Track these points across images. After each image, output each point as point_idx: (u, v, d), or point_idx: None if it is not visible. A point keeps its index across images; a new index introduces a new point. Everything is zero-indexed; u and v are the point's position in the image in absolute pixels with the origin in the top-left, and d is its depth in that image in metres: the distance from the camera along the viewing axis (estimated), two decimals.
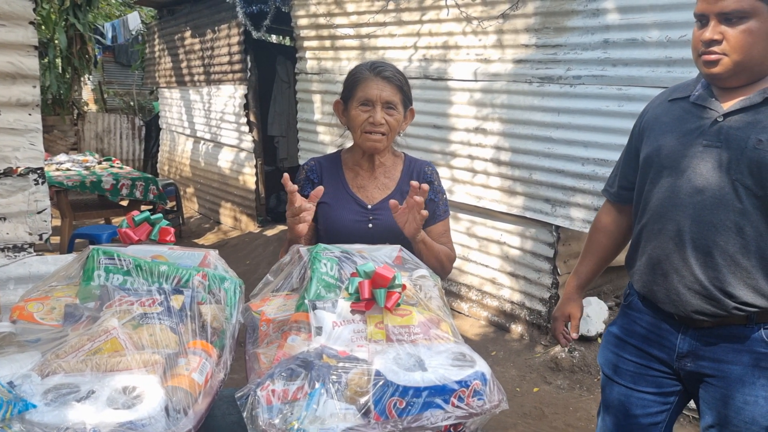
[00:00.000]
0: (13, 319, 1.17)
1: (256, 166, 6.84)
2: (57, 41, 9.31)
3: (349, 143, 1.83)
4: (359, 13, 5.03)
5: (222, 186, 7.50)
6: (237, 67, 6.71)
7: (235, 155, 7.16)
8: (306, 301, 1.19)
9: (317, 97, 5.71)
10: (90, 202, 6.46)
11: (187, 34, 7.69)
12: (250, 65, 6.59)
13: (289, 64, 7.59)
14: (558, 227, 3.92)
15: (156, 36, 8.73)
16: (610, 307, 4.06)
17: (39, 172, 2.36)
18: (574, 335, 1.89)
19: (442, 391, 1.02)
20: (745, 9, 1.37)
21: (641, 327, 1.67)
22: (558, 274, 3.98)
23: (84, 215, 6.29)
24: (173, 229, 1.50)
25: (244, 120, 6.80)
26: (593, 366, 3.69)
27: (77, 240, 5.31)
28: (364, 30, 5.00)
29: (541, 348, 4.03)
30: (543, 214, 3.94)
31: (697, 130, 1.51)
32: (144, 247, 1.37)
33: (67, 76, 10.02)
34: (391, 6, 4.69)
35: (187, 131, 8.19)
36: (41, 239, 2.40)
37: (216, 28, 6.98)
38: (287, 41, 10.19)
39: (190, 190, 8.37)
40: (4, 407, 0.88)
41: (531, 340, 4.15)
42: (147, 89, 12.62)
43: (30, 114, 2.32)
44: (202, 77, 7.49)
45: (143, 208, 6.27)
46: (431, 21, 4.46)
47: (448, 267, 1.75)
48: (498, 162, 4.16)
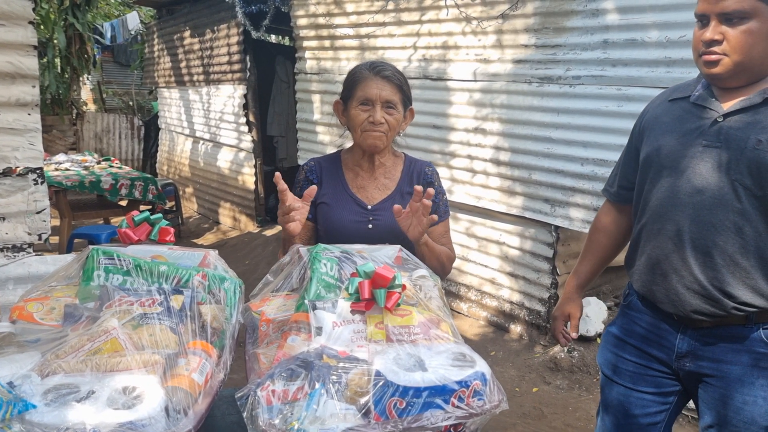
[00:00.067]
0: (13, 320, 1.17)
1: (255, 166, 6.84)
2: (56, 41, 9.30)
3: (349, 143, 1.82)
4: (359, 13, 5.03)
5: (221, 186, 7.50)
6: (236, 67, 6.71)
7: (235, 155, 7.15)
8: (306, 302, 1.19)
9: (316, 97, 5.71)
10: (89, 202, 6.46)
11: (187, 33, 7.68)
12: (249, 65, 6.59)
13: (289, 64, 7.59)
14: (557, 227, 3.92)
15: (155, 36, 8.72)
16: (609, 307, 4.06)
17: (38, 172, 2.36)
18: (573, 335, 1.89)
19: (442, 392, 1.02)
20: (746, 9, 1.37)
21: (640, 327, 1.67)
22: (557, 274, 3.98)
23: (83, 215, 6.29)
24: (173, 229, 1.50)
25: (243, 120, 6.80)
26: (592, 366, 3.69)
27: (76, 240, 5.31)
28: (363, 30, 5.00)
29: (541, 348, 4.03)
30: (542, 214, 3.94)
31: (697, 130, 1.51)
32: (144, 247, 1.37)
33: (66, 75, 10.00)
34: (391, 6, 4.69)
35: (186, 131, 8.19)
36: (40, 239, 2.40)
37: (215, 27, 6.98)
38: (287, 41, 10.19)
39: (189, 190, 8.36)
40: (4, 407, 0.88)
41: (530, 340, 4.15)
42: (146, 89, 12.61)
43: (29, 114, 2.32)
44: (201, 77, 7.48)
45: (142, 208, 6.26)
46: (431, 21, 4.46)
47: (448, 267, 1.75)
48: (497, 162, 4.16)
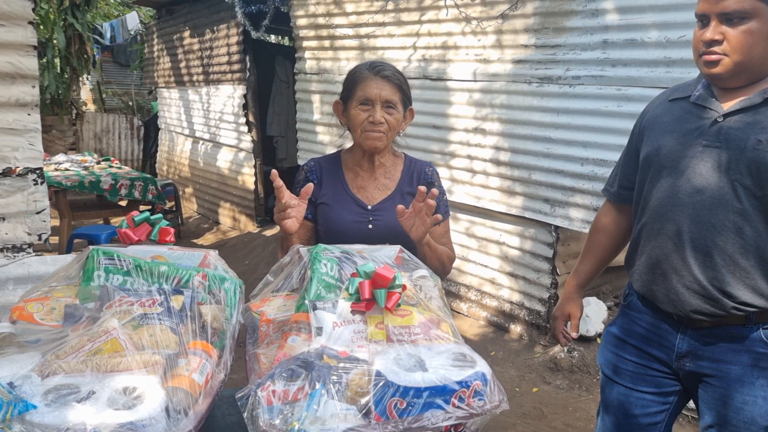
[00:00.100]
0: (13, 320, 1.17)
1: (255, 166, 6.84)
2: (55, 41, 9.30)
3: (349, 144, 1.82)
4: (358, 13, 5.03)
5: (221, 186, 7.50)
6: (236, 67, 6.70)
7: (234, 155, 7.15)
8: (306, 302, 1.18)
9: (316, 97, 5.71)
10: (89, 202, 6.45)
11: (186, 34, 7.68)
12: (249, 65, 6.59)
13: (288, 64, 7.59)
14: (557, 227, 3.92)
15: (155, 36, 8.72)
16: (609, 307, 4.06)
17: (38, 172, 2.36)
18: (573, 334, 1.89)
19: (442, 392, 1.02)
20: (746, 9, 1.37)
21: (641, 327, 1.67)
22: (557, 274, 3.98)
23: (83, 215, 6.29)
24: (173, 230, 1.50)
25: (243, 120, 6.79)
26: (592, 366, 3.69)
27: (76, 240, 5.31)
28: (363, 30, 5.00)
29: (541, 348, 4.03)
30: (542, 214, 3.94)
31: (697, 130, 1.51)
32: (144, 248, 1.37)
33: (66, 75, 10.00)
34: (390, 6, 4.69)
35: (186, 131, 8.19)
36: (40, 239, 2.40)
37: (215, 28, 6.98)
38: (286, 41, 10.19)
39: (188, 190, 8.36)
40: (4, 408, 0.88)
41: (530, 340, 4.15)
42: (146, 89, 12.60)
43: (29, 114, 2.32)
44: (200, 77, 7.48)
45: (142, 208, 6.26)
46: (430, 21, 4.46)
47: (448, 267, 1.75)
48: (497, 162, 4.16)
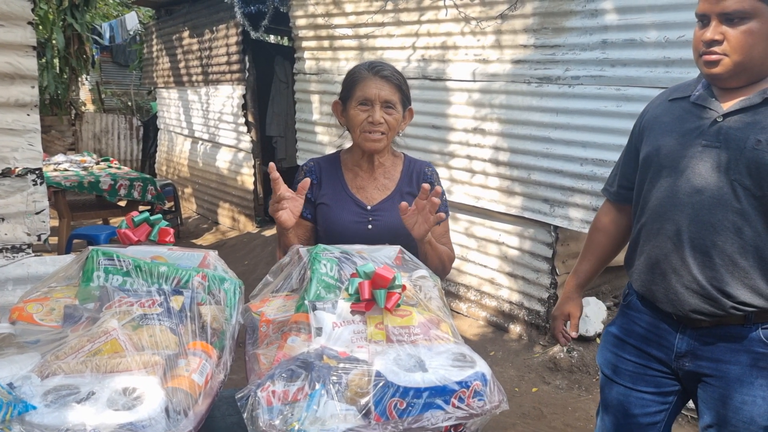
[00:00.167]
0: (13, 320, 1.17)
1: (254, 166, 6.84)
2: (55, 41, 9.29)
3: (348, 144, 1.82)
4: (357, 14, 5.03)
5: (220, 186, 7.49)
6: (235, 68, 6.70)
7: (234, 155, 7.15)
8: (306, 302, 1.18)
9: (315, 98, 5.71)
10: (88, 202, 6.45)
11: (185, 34, 7.68)
12: (248, 65, 6.59)
13: (288, 64, 7.59)
14: (556, 227, 3.92)
15: (154, 36, 8.72)
16: (608, 307, 4.06)
17: (37, 172, 2.35)
18: (573, 334, 1.89)
19: (442, 392, 1.02)
20: (747, 10, 1.37)
21: (640, 327, 1.67)
22: (556, 274, 3.98)
23: (82, 216, 6.28)
24: (172, 230, 1.50)
25: (242, 120, 6.79)
26: (592, 366, 3.69)
27: (75, 240, 5.31)
28: (362, 30, 5.00)
29: (540, 348, 4.03)
30: (541, 214, 3.94)
31: (697, 130, 1.51)
32: (143, 248, 1.37)
33: (65, 76, 10.00)
34: (390, 6, 4.69)
35: (185, 131, 8.18)
36: (39, 240, 2.39)
37: (214, 28, 6.97)
38: (285, 41, 10.19)
39: (188, 190, 8.35)
40: (3, 409, 0.88)
41: (530, 340, 4.15)
42: (145, 89, 12.61)
43: (28, 114, 2.32)
44: (200, 77, 7.48)
45: (141, 208, 6.26)
46: (430, 21, 4.46)
47: (448, 267, 1.75)
48: (496, 162, 4.16)
